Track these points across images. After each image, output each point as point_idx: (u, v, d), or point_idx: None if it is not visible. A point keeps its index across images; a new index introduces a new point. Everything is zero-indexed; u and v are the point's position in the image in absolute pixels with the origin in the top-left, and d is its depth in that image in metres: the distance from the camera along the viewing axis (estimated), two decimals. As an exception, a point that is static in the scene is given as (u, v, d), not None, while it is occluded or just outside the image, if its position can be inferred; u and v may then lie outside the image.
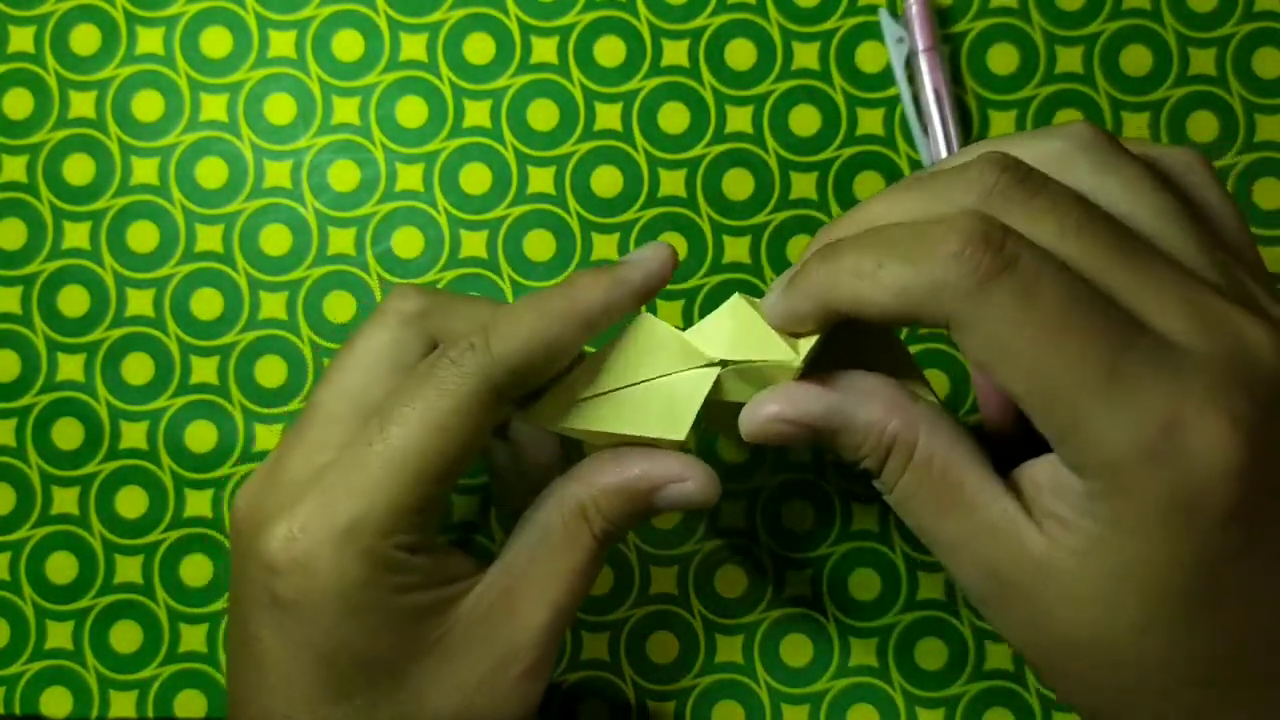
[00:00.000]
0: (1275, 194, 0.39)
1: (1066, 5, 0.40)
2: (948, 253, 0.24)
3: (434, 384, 0.28)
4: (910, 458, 0.27)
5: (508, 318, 0.29)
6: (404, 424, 0.28)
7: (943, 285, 0.24)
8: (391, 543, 0.28)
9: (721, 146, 0.40)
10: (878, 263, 0.25)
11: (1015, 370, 0.24)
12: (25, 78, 0.41)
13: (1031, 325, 0.23)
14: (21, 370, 0.40)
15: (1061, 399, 0.23)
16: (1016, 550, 0.25)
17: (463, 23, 0.40)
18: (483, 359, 0.28)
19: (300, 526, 0.28)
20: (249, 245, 0.40)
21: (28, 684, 0.40)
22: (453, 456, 0.28)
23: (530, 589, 0.29)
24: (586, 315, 0.29)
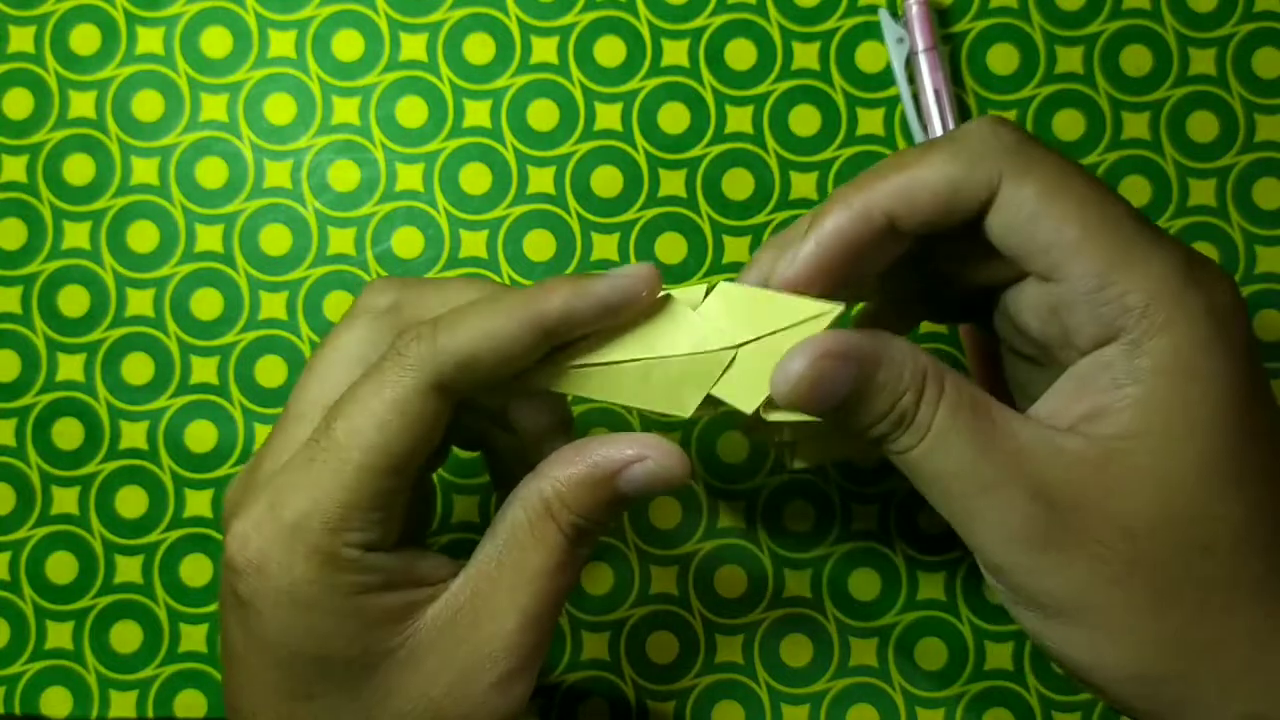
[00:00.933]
0: (1275, 194, 0.39)
1: (1066, 5, 0.40)
2: (988, 124, 0.27)
3: (378, 377, 0.28)
4: (942, 389, 0.26)
5: (461, 311, 0.28)
6: (347, 419, 0.27)
7: (991, 143, 0.26)
8: (341, 540, 0.27)
9: (721, 146, 0.40)
10: (922, 151, 0.27)
11: (1065, 213, 0.26)
12: (25, 78, 0.41)
13: (1072, 175, 0.26)
14: (21, 370, 0.40)
15: (1109, 235, 0.25)
16: (1063, 462, 0.26)
17: (463, 23, 0.40)
18: (426, 350, 0.27)
19: (253, 525, 0.27)
20: (249, 245, 0.40)
21: (28, 684, 0.40)
22: (398, 451, 0.27)
23: (498, 594, 0.28)
24: (542, 319, 0.28)
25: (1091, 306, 0.26)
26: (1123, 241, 0.25)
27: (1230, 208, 0.39)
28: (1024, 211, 0.26)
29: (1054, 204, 0.26)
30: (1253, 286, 0.39)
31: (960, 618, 0.39)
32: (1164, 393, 0.25)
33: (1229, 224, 0.39)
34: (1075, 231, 0.25)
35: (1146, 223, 0.26)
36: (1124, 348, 0.25)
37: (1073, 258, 0.25)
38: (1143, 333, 0.25)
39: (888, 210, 0.27)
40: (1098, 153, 0.40)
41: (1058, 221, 0.26)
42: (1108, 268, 0.25)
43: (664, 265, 0.40)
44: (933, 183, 0.26)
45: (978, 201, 0.26)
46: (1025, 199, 0.26)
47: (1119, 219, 0.26)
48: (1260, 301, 0.39)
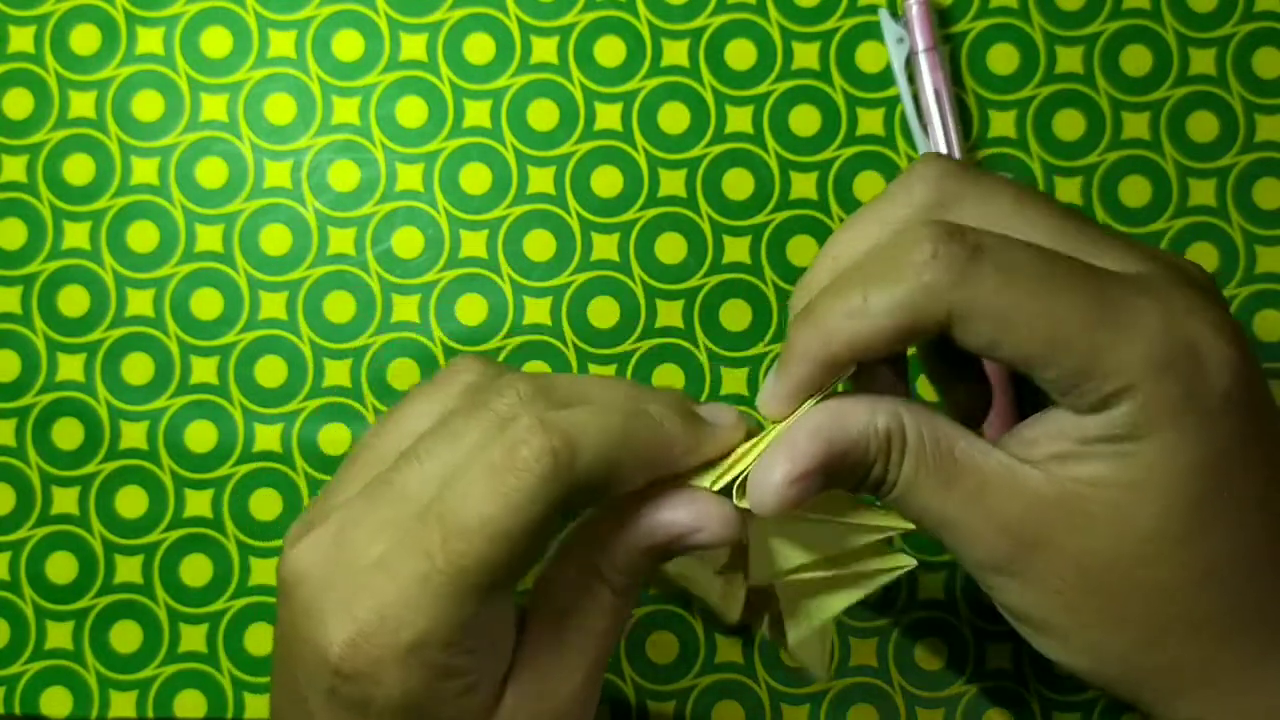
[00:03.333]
0: (1275, 194, 0.39)
1: (1066, 5, 0.40)
2: (923, 258, 0.26)
3: (502, 490, 0.25)
4: (905, 444, 0.27)
5: (594, 436, 0.26)
6: (467, 537, 0.25)
7: (931, 287, 0.25)
8: (454, 651, 0.26)
9: (721, 146, 0.40)
10: (863, 296, 0.26)
11: (1023, 334, 0.25)
12: (25, 78, 0.41)
13: (1022, 289, 0.25)
14: (21, 370, 0.40)
15: (1074, 342, 0.25)
16: (1023, 495, 0.26)
17: (463, 23, 0.40)
18: (563, 474, 0.26)
19: (363, 635, 0.26)
20: (249, 245, 0.40)
21: (28, 684, 0.40)
22: (516, 568, 0.26)
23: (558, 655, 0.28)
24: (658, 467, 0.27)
25: (1073, 396, 0.26)
26: (1087, 341, 0.25)
27: (1230, 208, 0.39)
28: (982, 341, 0.26)
29: (1010, 330, 0.25)
30: (1253, 286, 0.39)
31: (960, 618, 0.39)
32: (1132, 455, 0.26)
33: (1229, 224, 0.39)
34: (1039, 349, 0.25)
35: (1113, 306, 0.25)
36: (1103, 419, 0.26)
37: (1044, 369, 0.26)
38: (1123, 411, 0.25)
39: (846, 359, 0.27)
40: (1098, 153, 0.40)
41: (1020, 344, 0.25)
42: (1078, 371, 0.25)
43: (664, 265, 0.40)
44: (885, 332, 0.26)
45: (933, 334, 0.26)
46: (980, 333, 0.26)
47: (1083, 315, 0.25)
48: (1260, 302, 0.39)
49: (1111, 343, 0.25)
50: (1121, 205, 0.40)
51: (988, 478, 0.27)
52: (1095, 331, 0.25)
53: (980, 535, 0.27)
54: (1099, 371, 0.25)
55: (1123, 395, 0.25)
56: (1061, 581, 0.27)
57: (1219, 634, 0.27)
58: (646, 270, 0.40)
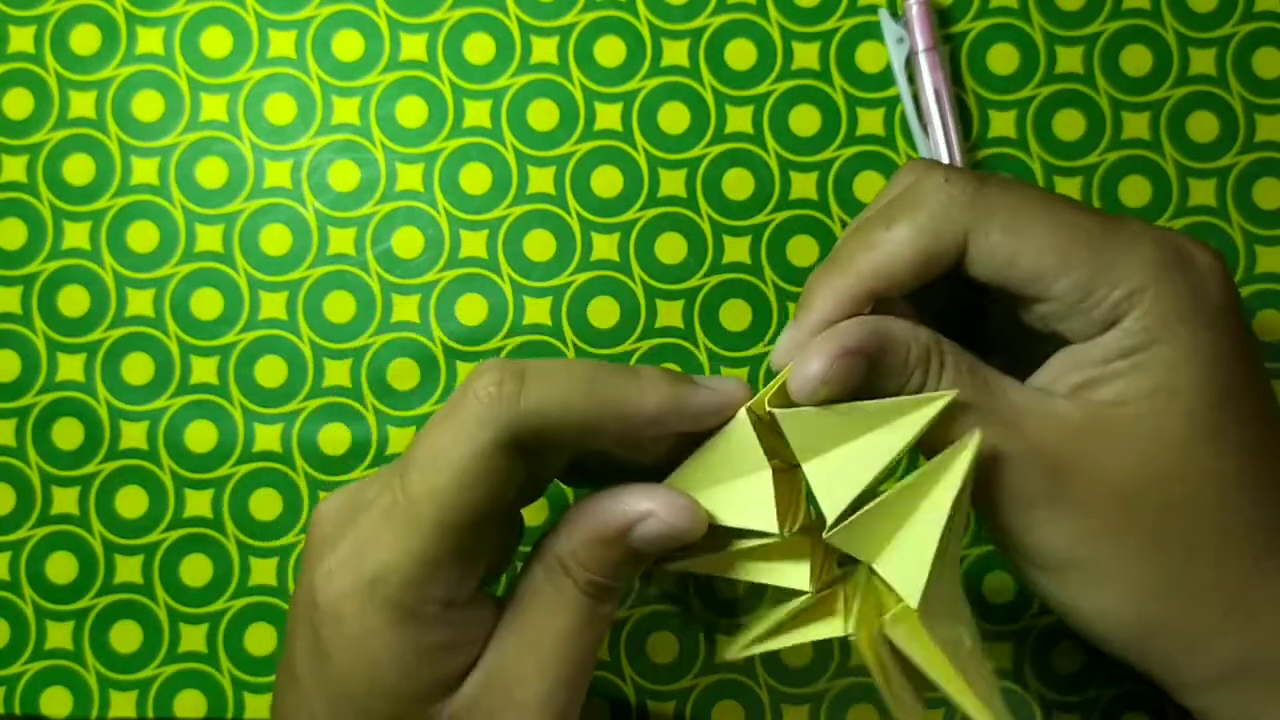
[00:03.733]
0: (1275, 194, 0.39)
1: (1066, 5, 0.40)
2: (936, 184, 0.28)
3: (455, 425, 0.27)
4: (944, 361, 0.28)
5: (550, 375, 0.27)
6: (423, 470, 0.27)
7: (948, 205, 0.27)
8: (419, 596, 0.27)
9: (721, 146, 0.40)
10: (884, 227, 0.28)
11: (1037, 244, 0.27)
12: (25, 78, 0.41)
13: (1030, 206, 0.28)
14: (21, 370, 0.40)
15: (1083, 253, 0.27)
16: (1056, 424, 0.27)
17: (463, 23, 0.40)
18: (509, 408, 0.26)
19: (338, 566, 0.27)
20: (249, 245, 0.40)
21: (28, 684, 0.40)
22: (474, 506, 0.27)
23: (524, 657, 0.28)
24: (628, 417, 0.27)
25: (1083, 312, 0.27)
26: (1096, 250, 0.27)
27: (1230, 208, 0.39)
28: (999, 257, 0.28)
29: (1024, 240, 0.27)
30: (1253, 286, 0.39)
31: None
32: (1149, 363, 0.27)
33: (1229, 224, 0.39)
34: (1052, 258, 0.27)
35: (1111, 221, 0.28)
36: (1117, 333, 0.27)
37: (1056, 280, 0.27)
38: (1131, 320, 0.27)
39: (870, 290, 0.28)
40: (1098, 153, 0.40)
41: (1034, 255, 0.27)
42: (1090, 278, 0.27)
43: (664, 265, 0.40)
44: (906, 257, 0.28)
45: (951, 260, 0.28)
46: (996, 246, 0.28)
47: (1088, 231, 0.27)
48: (1260, 301, 0.39)
49: (1117, 252, 0.27)
50: (1121, 205, 0.40)
51: (1021, 408, 0.28)
52: (1101, 243, 0.27)
53: (1018, 466, 0.27)
54: (1109, 279, 0.27)
55: (1133, 301, 0.27)
56: (1097, 506, 0.27)
57: (1249, 549, 0.27)
58: (646, 270, 0.40)
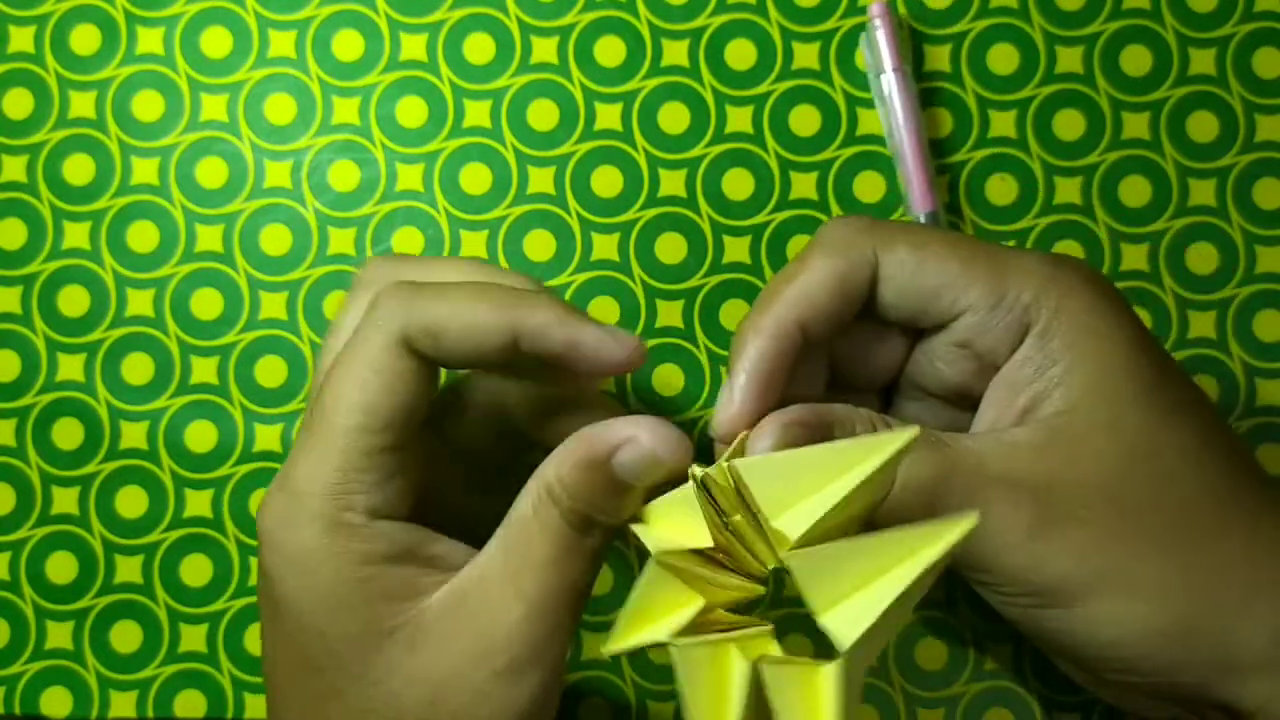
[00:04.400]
0: (1275, 194, 0.39)
1: (1066, 5, 0.40)
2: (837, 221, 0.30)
3: (355, 337, 0.28)
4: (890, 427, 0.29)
5: (445, 287, 0.28)
6: (332, 385, 0.28)
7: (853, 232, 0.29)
8: (342, 504, 0.28)
9: (721, 146, 0.40)
10: (798, 261, 0.30)
11: (944, 253, 0.29)
12: (25, 78, 0.41)
13: (929, 229, 0.30)
14: (21, 370, 0.40)
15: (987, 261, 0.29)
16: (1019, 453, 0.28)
17: (463, 23, 0.40)
18: (399, 309, 0.28)
19: (270, 496, 0.29)
20: (249, 245, 0.40)
21: (28, 684, 0.40)
22: (380, 408, 0.28)
23: (503, 582, 0.28)
24: (516, 326, 0.28)
25: (998, 318, 0.28)
26: (992, 260, 0.29)
27: (1230, 208, 0.39)
28: (907, 269, 0.29)
29: (928, 254, 0.29)
30: (1253, 286, 0.39)
31: (960, 618, 0.39)
32: (1080, 362, 0.28)
33: (1229, 224, 0.39)
34: (957, 265, 0.29)
35: (999, 244, 0.30)
36: (1034, 339, 0.28)
37: (965, 289, 0.29)
38: (1044, 321, 0.28)
39: (796, 320, 0.29)
40: (1098, 153, 0.40)
41: (938, 265, 0.29)
42: (996, 284, 0.29)
43: (664, 265, 0.40)
44: (822, 281, 0.29)
45: (865, 282, 0.29)
46: (905, 259, 0.29)
47: (981, 246, 0.29)
48: (1260, 302, 0.39)
49: (1012, 261, 0.29)
50: (1121, 205, 0.40)
51: (982, 452, 0.28)
52: (996, 256, 0.29)
53: (1001, 506, 0.27)
54: (1014, 284, 0.28)
55: (1041, 302, 0.28)
56: (1090, 512, 0.27)
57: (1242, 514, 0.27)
58: (646, 270, 0.40)
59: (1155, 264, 0.39)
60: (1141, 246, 0.39)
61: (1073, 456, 0.27)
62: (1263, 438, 0.39)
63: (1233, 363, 0.39)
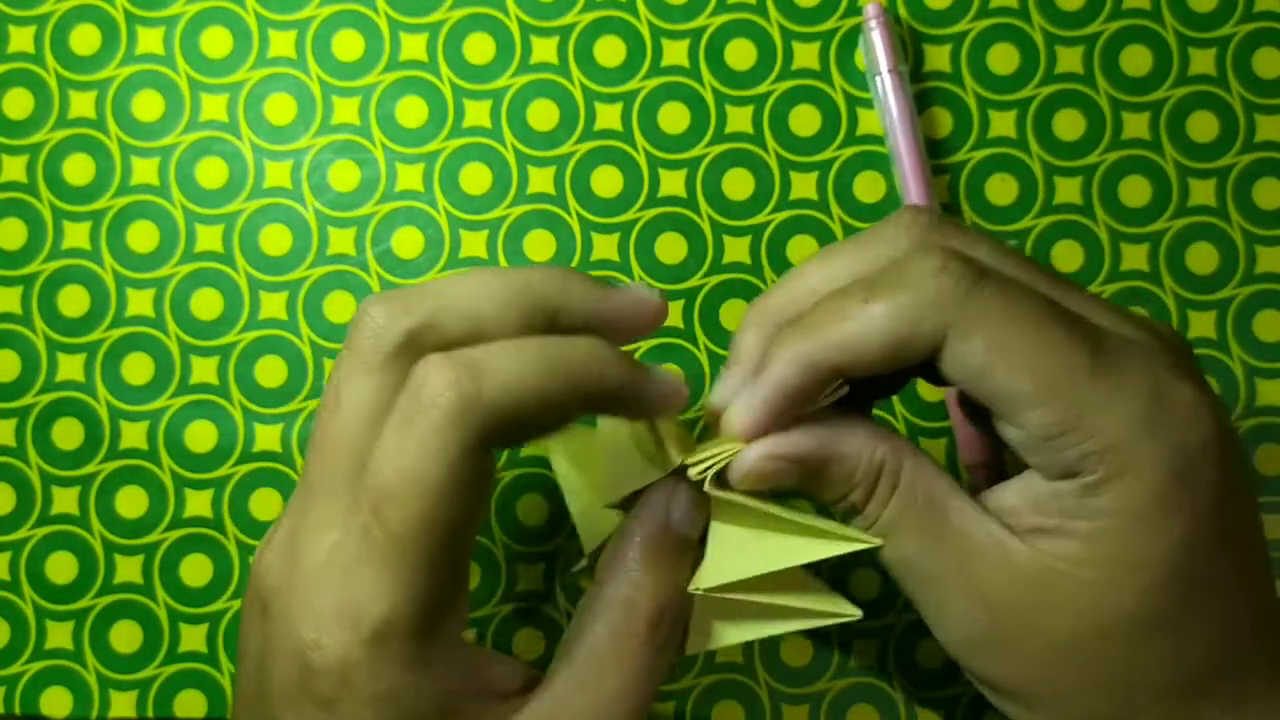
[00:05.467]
0: (1275, 194, 0.39)
1: (1066, 5, 0.40)
2: (932, 269, 0.25)
3: (419, 440, 0.24)
4: (896, 484, 0.27)
5: (503, 360, 0.25)
6: (396, 498, 0.24)
7: (935, 297, 0.25)
8: (420, 641, 0.25)
9: (721, 146, 0.40)
10: (864, 299, 0.26)
11: (1016, 364, 0.25)
12: (25, 78, 0.41)
13: (1022, 321, 0.25)
14: (21, 370, 0.40)
15: (1064, 388, 0.25)
16: (1006, 570, 0.26)
17: (463, 23, 0.40)
18: (471, 407, 0.24)
19: (327, 629, 0.25)
20: (249, 245, 0.40)
21: (28, 684, 0.40)
22: (461, 522, 0.25)
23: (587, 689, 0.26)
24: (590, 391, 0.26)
25: (1047, 451, 0.25)
26: (1077, 390, 0.25)
27: (1230, 208, 0.39)
28: (973, 367, 0.25)
29: (1004, 357, 0.25)
30: (1253, 287, 0.39)
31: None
32: (1111, 534, 0.25)
33: (1229, 224, 0.39)
34: (1027, 385, 0.25)
35: (1105, 360, 0.25)
36: (1080, 487, 0.25)
37: (1026, 410, 0.25)
38: (1098, 478, 0.25)
39: (834, 365, 0.26)
40: (1098, 153, 0.40)
41: (1007, 374, 0.25)
42: (1062, 419, 0.25)
43: (664, 265, 0.40)
44: (878, 339, 0.25)
45: (923, 354, 0.26)
46: (973, 355, 0.25)
47: (1075, 365, 0.25)
48: (1260, 302, 0.39)
49: (1100, 399, 0.25)
50: (1121, 205, 0.40)
51: (975, 547, 0.26)
52: (1086, 384, 0.25)
53: (957, 604, 0.27)
54: (1085, 427, 0.25)
55: (1105, 460, 0.25)
56: (1036, 657, 0.26)
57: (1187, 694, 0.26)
58: (647, 270, 0.40)
59: (1155, 264, 0.39)
60: (1141, 246, 0.39)
61: (1046, 606, 0.26)
62: (1263, 438, 0.39)
63: (1233, 363, 0.39)
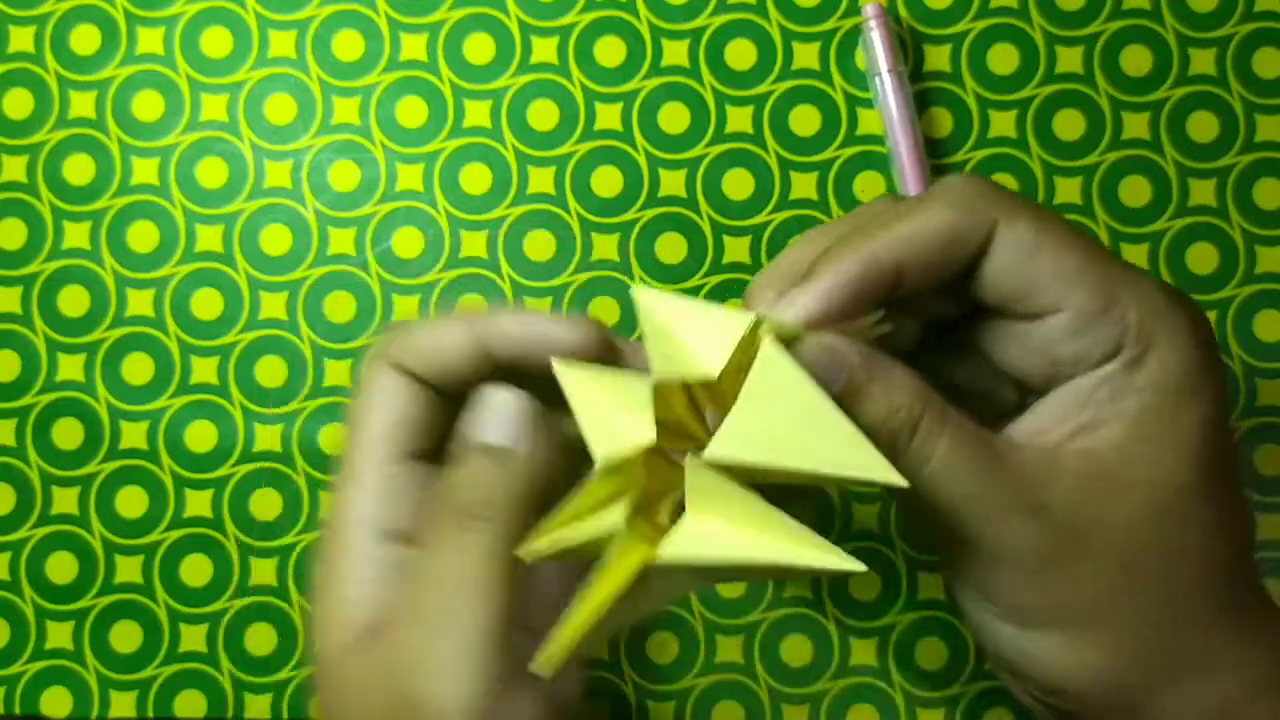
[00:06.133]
0: (1275, 194, 0.39)
1: (1066, 5, 0.40)
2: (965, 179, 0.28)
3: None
4: (944, 417, 0.27)
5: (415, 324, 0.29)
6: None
7: (981, 192, 0.27)
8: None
9: (721, 146, 0.40)
10: (919, 201, 0.28)
11: (1065, 243, 0.27)
12: (25, 78, 0.41)
13: (1054, 216, 0.27)
14: (21, 370, 0.40)
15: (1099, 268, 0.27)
16: (1063, 477, 0.27)
17: (463, 23, 0.40)
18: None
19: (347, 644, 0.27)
20: (249, 245, 0.40)
21: (28, 684, 0.40)
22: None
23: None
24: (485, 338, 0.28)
25: (1097, 328, 0.27)
26: (1109, 266, 0.27)
27: (1230, 208, 0.39)
28: (1024, 247, 0.27)
29: (1049, 239, 0.27)
30: (1253, 287, 0.39)
31: (960, 618, 0.39)
32: (1158, 407, 0.27)
33: (1229, 224, 0.39)
34: (1076, 259, 0.27)
35: (1113, 253, 0.28)
36: (1122, 364, 0.27)
37: (1077, 285, 0.27)
38: (1139, 351, 0.26)
39: (897, 258, 0.27)
40: (1098, 153, 0.40)
41: (1057, 253, 0.27)
42: (1104, 294, 0.27)
43: (664, 265, 0.40)
44: (936, 229, 0.27)
45: (976, 246, 0.27)
46: (1023, 236, 0.27)
47: (1101, 251, 0.27)
48: (1260, 302, 0.39)
49: (1131, 276, 0.27)
50: (1121, 205, 0.40)
51: (1028, 468, 0.27)
52: (1116, 264, 0.27)
53: (1023, 527, 0.26)
54: (1127, 296, 0.26)
55: (1145, 327, 0.26)
56: (1102, 562, 0.27)
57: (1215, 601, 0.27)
58: (647, 270, 0.40)
59: (1155, 264, 0.39)
60: (1141, 246, 0.39)
61: (1108, 498, 0.27)
62: (1263, 438, 0.39)
63: (1233, 363, 0.39)
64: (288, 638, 0.40)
